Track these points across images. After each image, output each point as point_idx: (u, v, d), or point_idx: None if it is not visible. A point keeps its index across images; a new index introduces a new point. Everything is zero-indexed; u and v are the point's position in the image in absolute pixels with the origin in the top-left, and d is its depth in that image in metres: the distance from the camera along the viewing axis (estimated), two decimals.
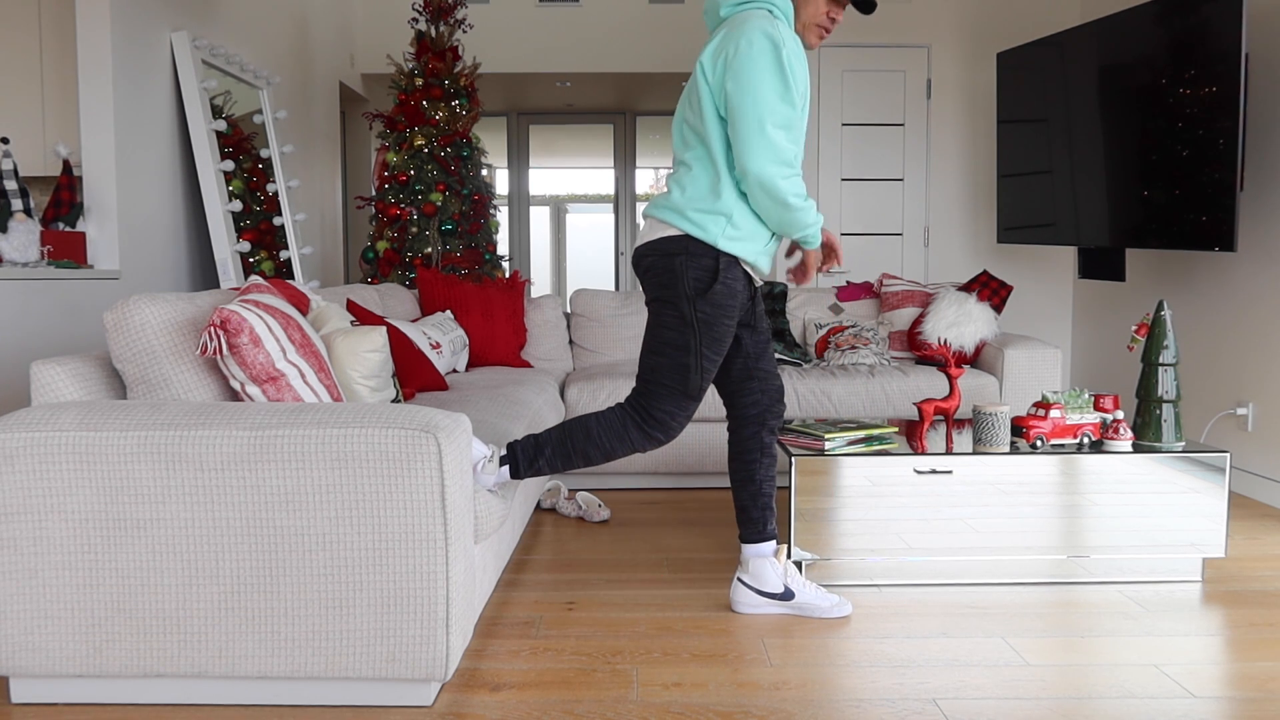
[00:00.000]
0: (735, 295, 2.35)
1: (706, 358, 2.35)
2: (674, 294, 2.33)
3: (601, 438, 2.37)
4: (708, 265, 2.31)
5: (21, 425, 1.95)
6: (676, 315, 2.33)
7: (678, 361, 2.34)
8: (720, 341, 2.36)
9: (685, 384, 2.35)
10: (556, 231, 11.91)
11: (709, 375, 2.37)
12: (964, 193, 5.64)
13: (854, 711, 2.02)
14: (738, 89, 2.22)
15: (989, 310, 4.23)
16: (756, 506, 2.56)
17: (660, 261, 2.34)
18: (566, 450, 2.38)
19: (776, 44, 2.22)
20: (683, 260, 2.31)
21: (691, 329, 2.33)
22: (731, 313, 2.36)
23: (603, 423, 2.38)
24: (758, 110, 2.20)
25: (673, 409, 2.36)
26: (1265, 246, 3.86)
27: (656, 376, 2.36)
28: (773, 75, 2.21)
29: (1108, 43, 4.29)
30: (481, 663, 2.27)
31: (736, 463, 2.59)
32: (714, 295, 2.31)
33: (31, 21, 4.45)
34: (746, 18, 2.27)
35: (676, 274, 2.32)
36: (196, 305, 2.28)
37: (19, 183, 3.76)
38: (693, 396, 2.37)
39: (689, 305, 2.32)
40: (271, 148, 5.39)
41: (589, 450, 2.38)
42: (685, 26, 8.66)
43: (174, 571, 1.96)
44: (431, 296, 4.38)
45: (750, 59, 2.21)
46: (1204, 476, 2.81)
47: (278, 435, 1.92)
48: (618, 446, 2.38)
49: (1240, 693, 2.12)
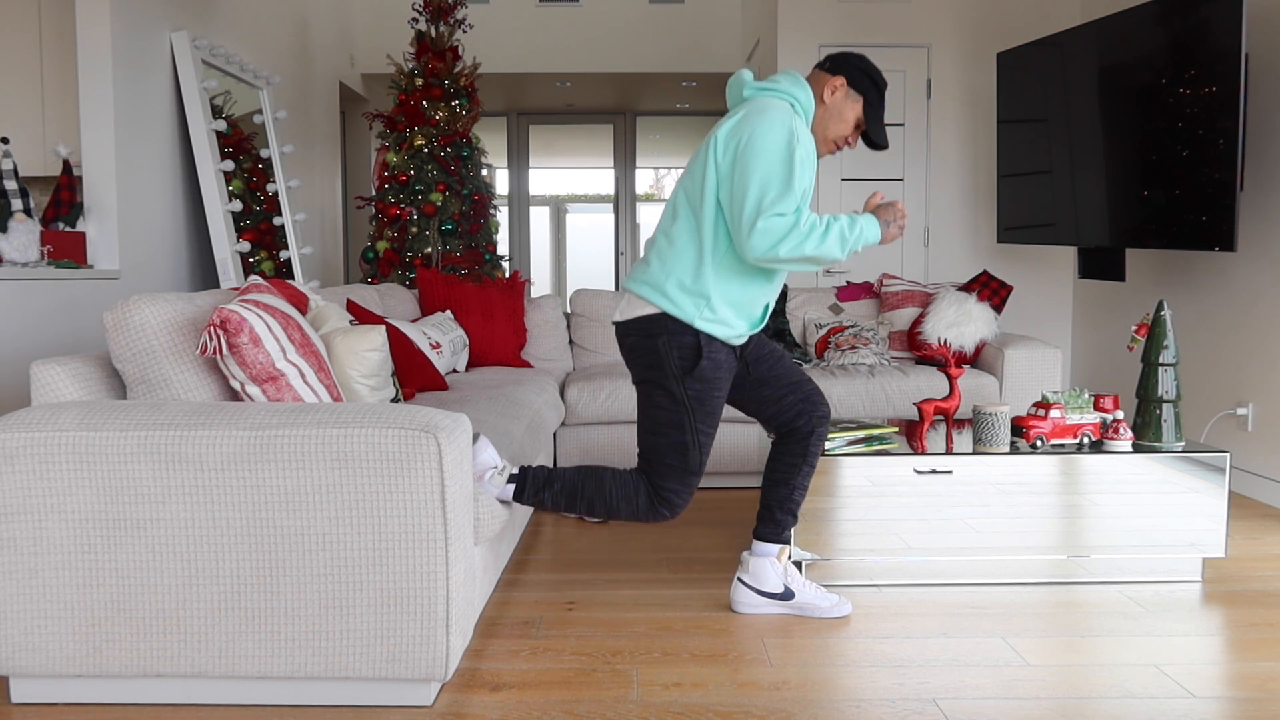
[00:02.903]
0: (721, 366, 2.34)
1: (703, 432, 2.35)
2: (662, 375, 2.32)
3: (613, 494, 2.37)
4: (689, 343, 2.30)
5: (21, 425, 1.95)
6: (667, 395, 2.32)
7: (676, 440, 2.34)
8: (713, 414, 2.36)
9: (686, 461, 2.35)
10: (556, 231, 11.91)
11: (707, 449, 2.37)
12: (964, 193, 5.64)
13: (854, 711, 2.02)
14: (743, 173, 2.19)
15: (989, 310, 4.23)
16: (782, 510, 2.56)
17: (643, 343, 2.33)
18: (574, 494, 2.37)
19: (791, 137, 2.19)
20: (665, 340, 2.30)
21: (684, 408, 2.32)
22: (720, 385, 2.35)
23: (618, 482, 2.37)
24: (759, 199, 2.16)
25: (677, 486, 2.36)
26: (1265, 246, 3.86)
27: (658, 456, 2.36)
28: (781, 166, 2.17)
29: (1108, 43, 4.29)
30: (481, 663, 2.27)
31: (777, 464, 2.56)
32: (701, 372, 2.31)
33: (31, 21, 4.45)
34: (768, 105, 2.25)
35: (661, 355, 2.31)
36: (196, 305, 2.28)
37: (19, 183, 3.76)
38: (694, 472, 2.37)
39: (678, 385, 2.31)
40: (271, 148, 5.39)
41: (595, 501, 2.37)
42: (685, 26, 8.66)
43: (174, 571, 1.96)
44: (431, 296, 4.38)
45: (763, 146, 2.18)
46: (1204, 476, 2.81)
47: (278, 435, 1.92)
48: (623, 508, 2.38)
49: (1240, 693, 2.12)
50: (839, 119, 2.39)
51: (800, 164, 2.20)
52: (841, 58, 2.40)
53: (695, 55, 8.66)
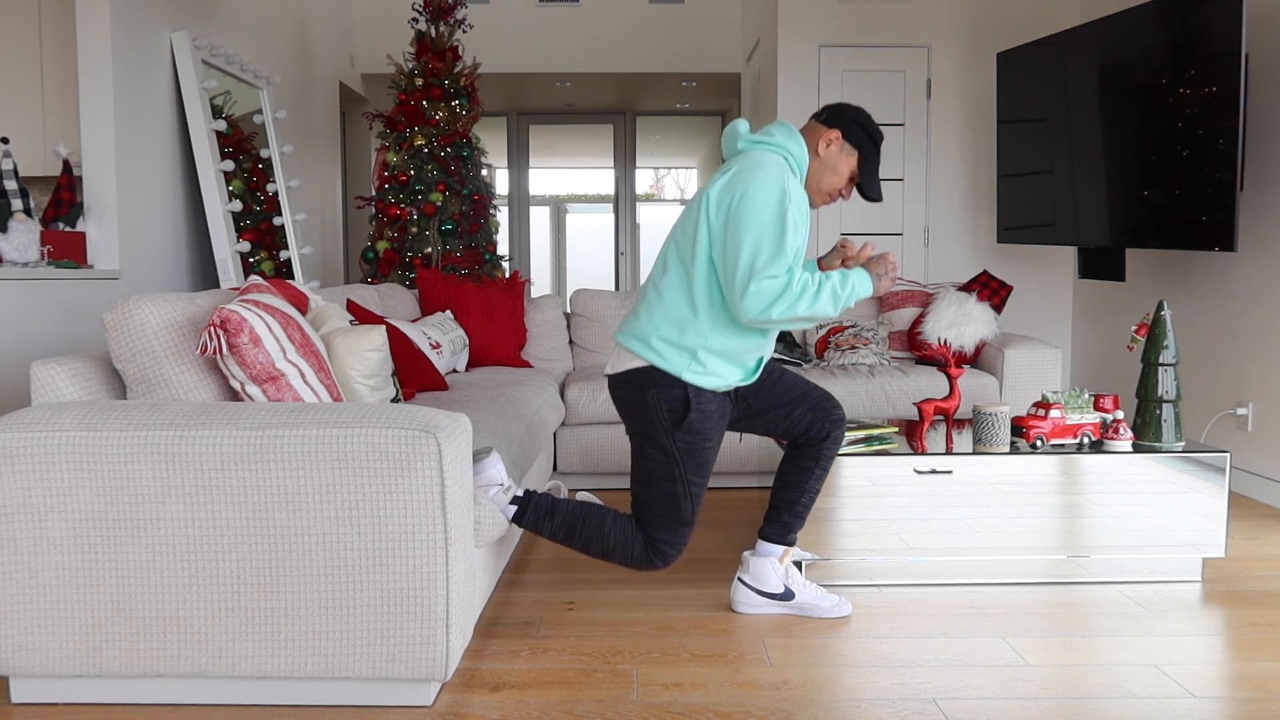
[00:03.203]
0: (711, 417, 2.33)
1: (694, 484, 2.34)
2: (651, 428, 2.32)
3: (610, 537, 2.35)
4: (678, 395, 2.29)
5: (21, 425, 1.95)
6: (658, 448, 2.32)
7: (667, 492, 2.33)
8: (705, 465, 2.35)
9: (677, 513, 2.34)
10: (556, 231, 11.91)
11: (698, 499, 2.37)
12: (964, 193, 5.64)
13: (854, 711, 2.02)
14: (735, 234, 2.17)
15: (989, 310, 4.23)
16: (790, 512, 2.55)
17: (632, 395, 2.33)
18: (573, 530, 2.36)
19: (784, 198, 2.18)
20: (653, 394, 2.29)
21: (675, 460, 2.32)
22: (711, 435, 2.34)
23: (618, 527, 2.36)
24: (751, 261, 2.15)
25: (669, 537, 2.36)
26: (1265, 246, 3.86)
27: (649, 507, 2.35)
28: (774, 228, 2.16)
29: (1108, 43, 4.29)
30: (481, 663, 2.27)
31: (790, 465, 2.56)
32: (691, 424, 2.30)
33: (31, 21, 4.45)
34: (762, 161, 2.23)
35: (650, 408, 2.30)
36: (196, 305, 2.28)
37: (19, 183, 3.76)
38: (686, 523, 2.36)
39: (667, 438, 2.31)
40: (271, 148, 5.39)
41: (592, 540, 2.36)
42: (685, 26, 8.66)
43: (174, 571, 1.96)
44: (431, 296, 4.38)
45: (755, 207, 2.16)
46: (1204, 476, 2.81)
47: (278, 435, 1.92)
48: (618, 553, 2.36)
49: (1240, 693, 2.12)
50: (833, 172, 2.37)
51: (793, 225, 2.18)
52: (838, 110, 2.38)
53: (695, 55, 8.67)
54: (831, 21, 5.54)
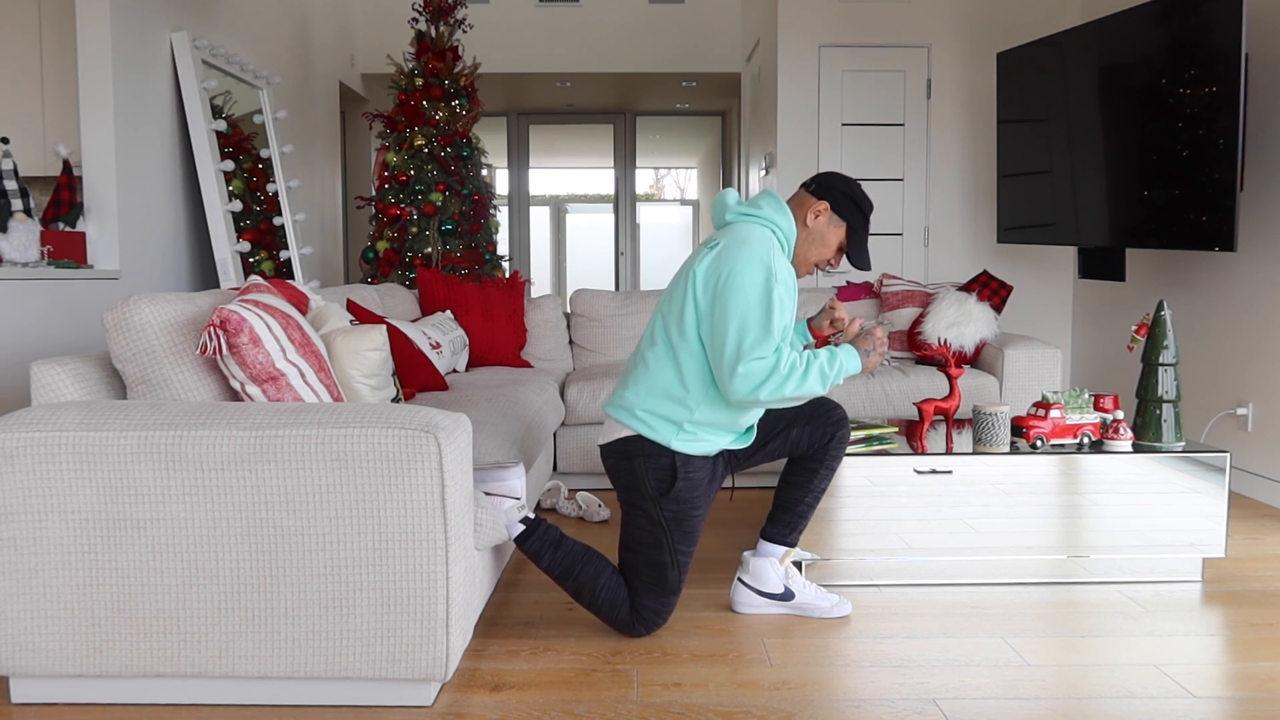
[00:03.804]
0: (699, 485, 2.33)
1: (681, 552, 2.34)
2: (639, 497, 2.32)
3: (601, 594, 2.34)
4: (665, 465, 2.29)
5: (21, 425, 1.95)
6: (645, 517, 2.32)
7: (653, 560, 2.33)
8: (692, 534, 2.35)
9: (664, 581, 2.34)
10: (556, 231, 11.91)
11: (685, 569, 2.36)
12: (964, 193, 5.64)
13: (854, 711, 2.02)
14: (722, 314, 2.17)
15: (989, 310, 4.23)
16: (794, 513, 2.55)
17: (620, 464, 2.33)
18: (569, 571, 2.34)
19: (769, 278, 2.16)
20: (640, 463, 2.30)
21: (662, 529, 2.32)
22: (699, 504, 2.34)
23: (613, 582, 2.36)
24: (738, 343, 2.15)
25: (654, 605, 2.36)
26: (1265, 246, 3.86)
27: (636, 574, 2.35)
28: (760, 309, 2.15)
29: (1108, 43, 4.29)
30: (481, 663, 2.27)
31: (795, 467, 2.55)
32: (678, 493, 2.30)
33: (31, 21, 4.45)
34: (749, 235, 2.22)
35: (638, 477, 2.31)
36: (196, 305, 2.28)
37: (19, 183, 3.76)
38: (672, 591, 2.36)
39: (654, 507, 2.31)
40: (271, 148, 5.39)
41: (583, 588, 2.34)
42: (685, 26, 8.66)
43: (174, 571, 1.96)
44: (431, 296, 4.38)
45: (740, 286, 2.15)
46: (1204, 476, 2.81)
47: (278, 435, 1.92)
48: (605, 611, 2.35)
49: (1240, 693, 2.12)
50: (821, 243, 2.37)
51: (779, 303, 2.17)
52: (826, 181, 2.37)
53: (695, 55, 8.67)
54: (831, 21, 5.54)
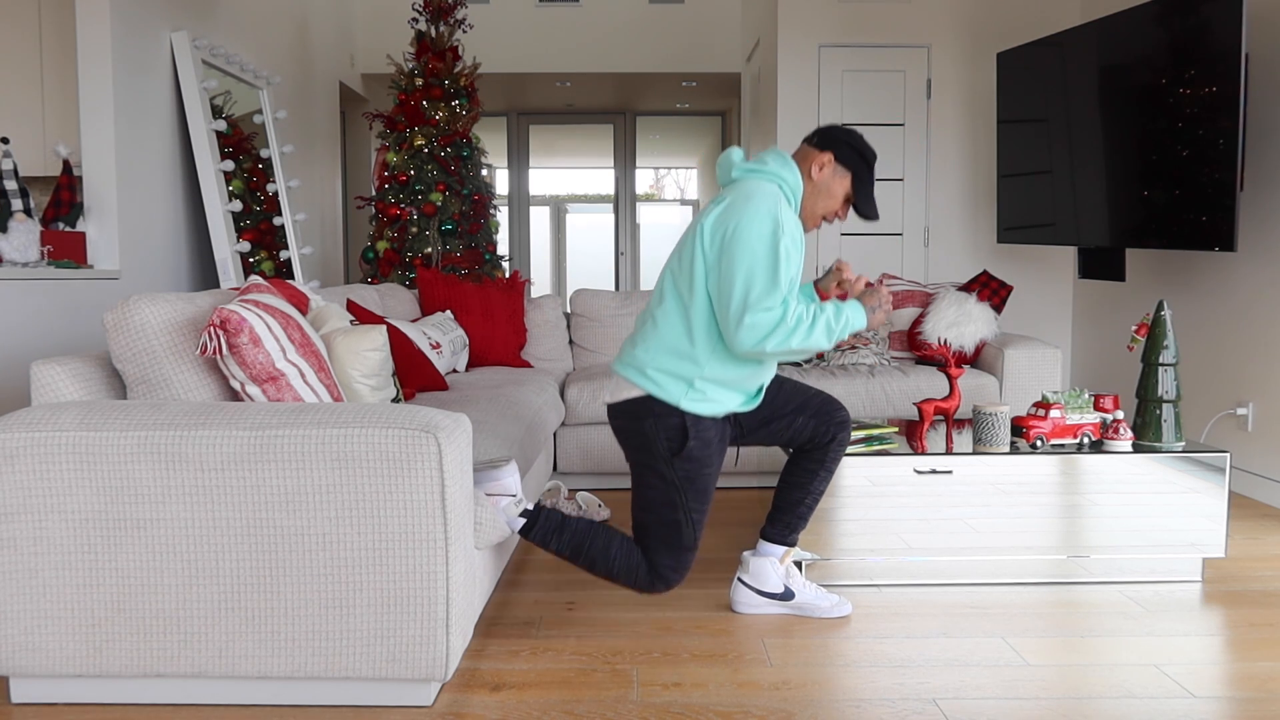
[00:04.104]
0: (711, 444, 2.33)
1: (695, 510, 2.34)
2: (650, 457, 2.32)
3: (615, 562, 2.35)
4: (676, 424, 2.29)
5: (21, 425, 1.95)
6: (658, 477, 2.32)
7: (667, 519, 2.33)
8: (705, 492, 2.35)
9: (679, 539, 2.34)
10: (556, 231, 11.91)
11: (700, 525, 2.36)
12: (964, 193, 5.64)
13: (854, 711, 2.02)
14: (729, 266, 2.17)
15: (989, 310, 4.23)
16: (793, 513, 2.55)
17: (630, 425, 2.33)
18: (579, 549, 2.35)
19: (776, 229, 2.17)
20: (651, 423, 2.29)
21: (675, 488, 2.32)
22: (711, 462, 2.34)
23: (624, 551, 2.36)
24: (745, 294, 2.15)
25: (672, 562, 2.35)
26: (1265, 246, 3.86)
27: (651, 534, 2.35)
28: (767, 260, 2.15)
29: (1108, 43, 4.29)
30: (481, 663, 2.27)
31: (795, 467, 2.56)
32: (690, 452, 2.30)
33: (31, 21, 4.45)
34: (755, 190, 2.23)
35: (648, 438, 2.30)
36: (196, 305, 2.28)
37: (19, 183, 3.76)
38: (688, 548, 2.36)
39: (667, 467, 2.31)
40: (271, 148, 5.39)
41: (598, 561, 2.35)
42: (685, 26, 8.66)
43: (174, 571, 1.96)
44: (431, 296, 4.38)
45: (747, 239, 2.16)
46: (1204, 476, 2.81)
47: (278, 435, 1.92)
48: (623, 576, 2.36)
49: (1240, 693, 2.12)
50: (827, 195, 2.37)
51: (785, 255, 2.17)
52: (829, 133, 2.37)
53: (695, 55, 8.67)
54: (831, 21, 5.53)
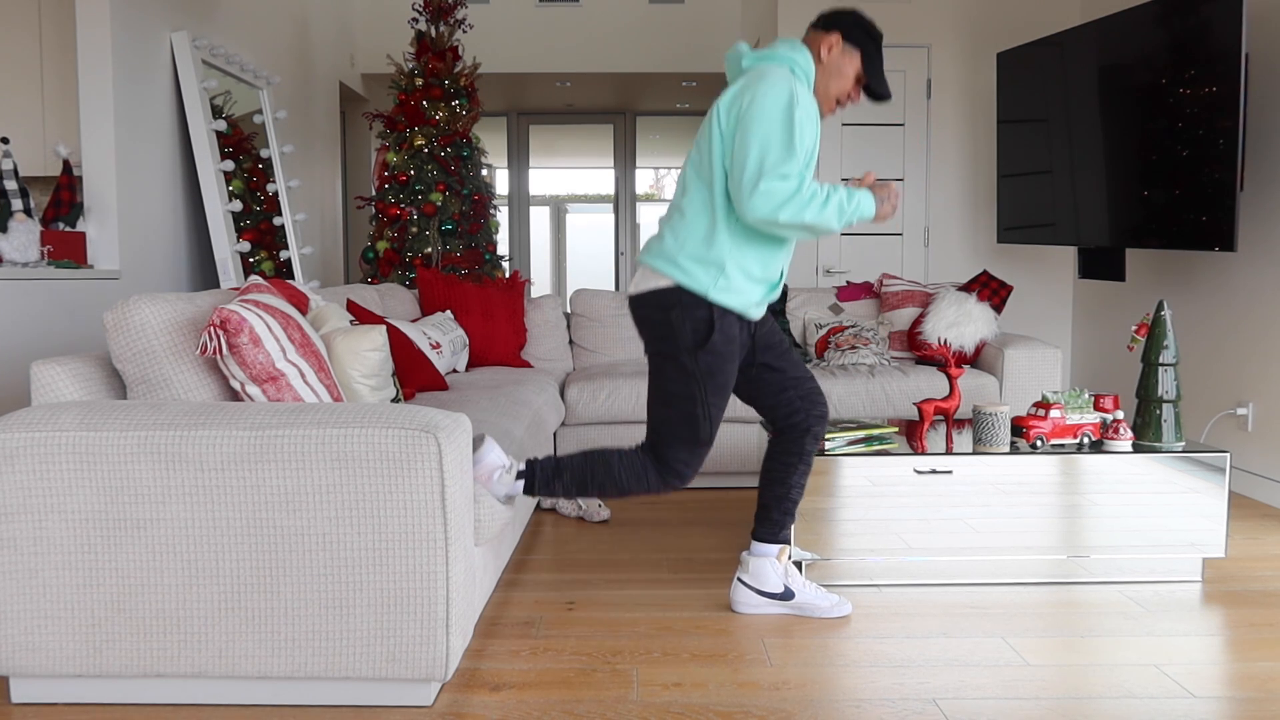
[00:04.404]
0: (734, 340, 2.34)
1: (713, 405, 2.35)
2: (673, 347, 2.32)
3: (622, 476, 2.37)
4: (703, 316, 2.29)
5: (21, 425, 1.95)
6: (679, 368, 2.32)
7: (686, 412, 2.33)
8: (725, 388, 2.36)
9: (696, 433, 2.35)
10: (556, 231, 11.91)
11: (717, 420, 2.37)
12: (964, 193, 5.64)
13: (854, 711, 2.02)
14: (744, 136, 2.19)
15: (989, 310, 4.23)
16: (779, 510, 2.56)
17: (655, 315, 2.33)
18: (584, 480, 2.38)
19: (791, 100, 2.19)
20: (678, 313, 2.30)
21: (696, 380, 2.32)
22: (732, 359, 2.35)
23: (625, 463, 2.38)
24: (760, 160, 2.17)
25: (686, 457, 2.36)
26: (1265, 246, 3.86)
27: (667, 428, 2.36)
28: (782, 128, 2.17)
29: (1108, 43, 4.29)
30: (481, 663, 2.27)
31: (773, 463, 2.57)
32: (713, 345, 2.30)
33: (31, 21, 4.45)
34: (767, 71, 2.25)
35: (673, 327, 2.31)
36: (196, 305, 2.28)
37: (19, 183, 3.76)
38: (704, 443, 2.37)
39: (690, 358, 2.31)
40: (271, 148, 5.39)
41: (606, 485, 2.38)
42: (685, 26, 8.66)
43: (174, 571, 1.96)
44: (431, 296, 4.38)
45: (762, 108, 2.19)
46: (1204, 476, 2.81)
47: (278, 435, 1.92)
48: (634, 487, 2.38)
49: (1240, 693, 2.12)
50: (839, 75, 2.39)
51: (800, 125, 2.20)
52: (833, 14, 2.40)
53: (695, 55, 8.66)
54: None
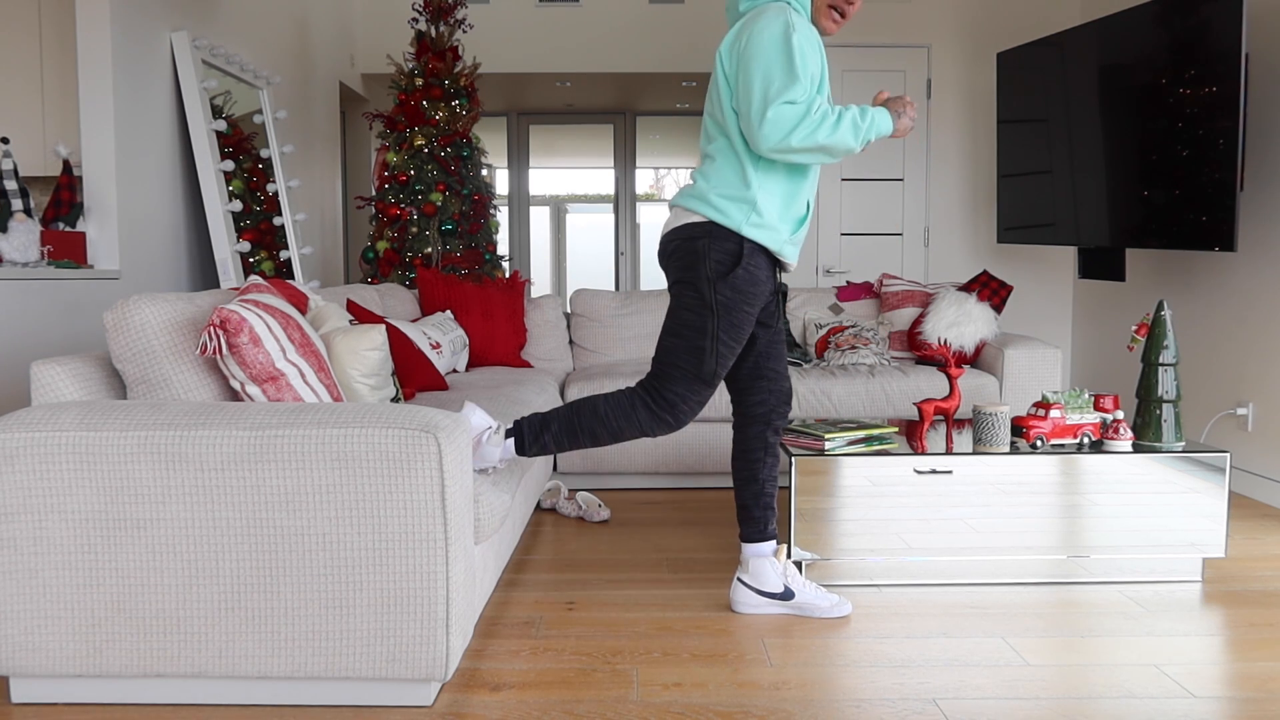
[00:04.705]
0: (758, 283, 2.33)
1: (723, 342, 2.32)
2: (695, 275, 2.32)
3: (609, 417, 2.36)
4: (731, 249, 2.30)
5: (21, 425, 1.95)
6: (696, 297, 2.32)
7: (693, 344, 2.32)
8: (738, 328, 2.33)
9: (700, 367, 2.32)
10: (556, 231, 11.90)
11: (724, 362, 2.34)
12: (964, 193, 5.64)
13: (854, 711, 2.02)
14: (746, 72, 2.23)
15: (989, 310, 4.23)
16: (758, 506, 2.57)
17: (683, 245, 2.34)
18: (573, 428, 2.37)
19: (787, 28, 2.22)
20: (705, 243, 2.31)
21: (710, 311, 2.31)
22: (752, 300, 2.34)
23: (611, 403, 2.37)
24: (764, 91, 2.19)
25: (684, 392, 2.34)
26: (1265, 246, 3.86)
27: (672, 358, 2.35)
28: (781, 56, 2.20)
29: (1108, 43, 4.29)
30: (481, 663, 2.27)
31: (740, 461, 2.59)
32: (736, 279, 2.30)
33: (31, 21, 4.45)
34: (764, 10, 2.29)
35: (699, 255, 2.31)
36: (196, 305, 2.28)
37: (19, 183, 3.76)
38: (706, 381, 2.34)
39: (709, 287, 2.31)
40: (271, 148, 5.39)
41: (596, 429, 2.37)
42: (685, 26, 8.65)
43: (174, 571, 1.96)
44: (431, 296, 4.38)
45: (760, 44, 2.22)
46: (1204, 476, 2.81)
47: (278, 435, 1.92)
48: (625, 427, 2.37)
49: (1240, 693, 2.12)
50: None
51: (801, 51, 2.21)
52: None
53: (695, 55, 8.66)
54: None
